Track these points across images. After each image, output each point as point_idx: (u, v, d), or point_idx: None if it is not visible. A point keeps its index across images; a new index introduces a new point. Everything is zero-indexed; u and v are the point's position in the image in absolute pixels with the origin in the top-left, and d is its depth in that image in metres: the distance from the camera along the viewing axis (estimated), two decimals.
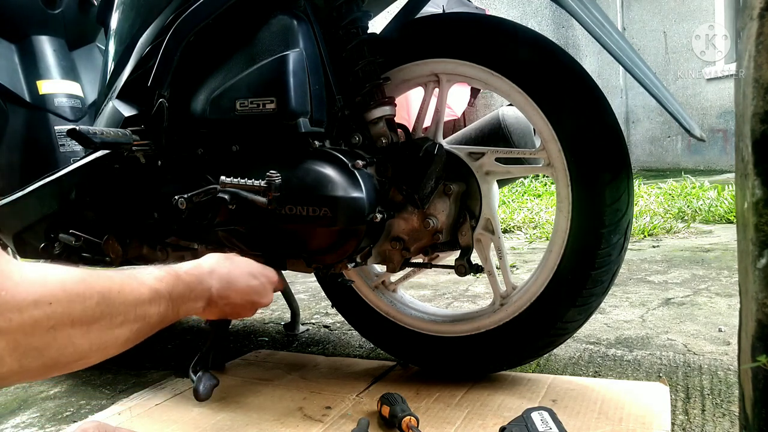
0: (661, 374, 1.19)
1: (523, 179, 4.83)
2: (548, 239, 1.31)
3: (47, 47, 1.55)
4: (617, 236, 1.00)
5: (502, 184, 1.25)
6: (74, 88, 1.57)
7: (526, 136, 1.15)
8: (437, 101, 1.12)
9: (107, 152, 1.20)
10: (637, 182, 4.89)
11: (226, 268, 0.86)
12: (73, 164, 1.28)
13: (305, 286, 2.27)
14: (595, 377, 1.20)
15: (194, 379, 0.94)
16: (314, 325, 1.74)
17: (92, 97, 1.58)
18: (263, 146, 1.09)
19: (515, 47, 1.02)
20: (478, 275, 1.41)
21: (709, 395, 1.07)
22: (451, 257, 1.16)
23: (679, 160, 6.75)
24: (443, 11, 4.14)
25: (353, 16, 1.05)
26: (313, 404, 1.12)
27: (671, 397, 1.06)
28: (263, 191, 0.99)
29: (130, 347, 0.66)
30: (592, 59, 7.17)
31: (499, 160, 1.07)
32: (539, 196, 4.43)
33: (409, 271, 1.28)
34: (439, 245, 1.11)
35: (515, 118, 1.15)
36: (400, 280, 1.29)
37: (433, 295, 2.00)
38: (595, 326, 1.53)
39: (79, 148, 1.49)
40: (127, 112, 1.18)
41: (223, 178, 1.00)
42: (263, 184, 0.98)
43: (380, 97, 1.08)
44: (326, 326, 1.72)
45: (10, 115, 1.48)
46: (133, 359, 1.50)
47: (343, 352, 1.48)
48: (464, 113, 6.26)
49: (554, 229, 1.05)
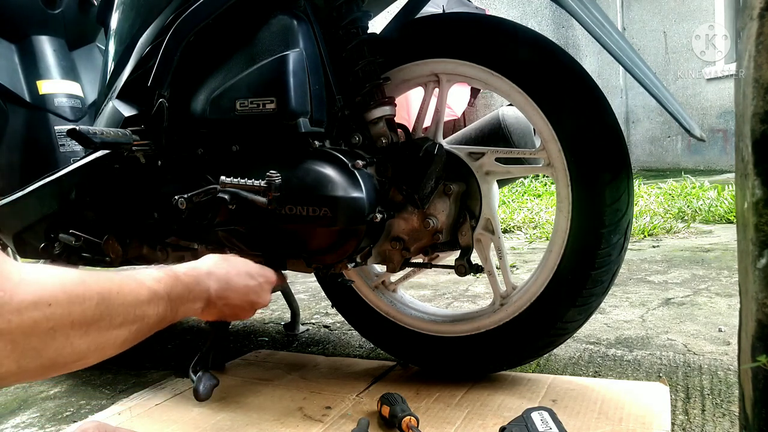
0: (661, 374, 1.19)
1: (523, 179, 4.84)
2: (548, 239, 1.31)
3: (47, 47, 1.55)
4: (617, 236, 1.00)
5: (502, 184, 1.25)
6: (74, 88, 1.57)
7: (526, 136, 1.15)
8: (437, 101, 1.12)
9: (107, 152, 1.20)
10: (637, 182, 4.89)
11: (223, 269, 0.86)
12: (73, 164, 1.28)
13: (305, 286, 2.27)
14: (595, 377, 1.20)
15: (194, 379, 0.95)
16: (314, 325, 1.74)
17: (92, 97, 1.58)
18: (263, 146, 1.09)
19: (515, 47, 1.02)
20: (478, 275, 1.41)
21: (709, 395, 1.07)
22: (451, 257, 1.16)
23: (679, 160, 6.75)
24: (443, 11, 4.14)
25: (353, 16, 1.06)
26: (313, 404, 1.12)
27: (671, 397, 1.06)
28: (263, 191, 0.99)
29: (128, 348, 0.66)
30: (592, 59, 7.17)
31: (499, 160, 1.07)
32: (539, 196, 4.43)
33: (409, 271, 1.28)
34: (439, 245, 1.11)
35: (515, 118, 1.15)
36: (400, 280, 1.29)
37: (433, 295, 2.00)
38: (595, 326, 1.53)
39: (79, 148, 1.49)
40: (127, 112, 1.18)
41: (223, 178, 1.00)
42: (263, 184, 0.98)
43: (380, 97, 1.08)
44: (326, 326, 1.72)
45: (10, 115, 1.48)
46: (133, 359, 1.50)
47: (343, 352, 1.48)
48: (464, 113, 6.26)
49: (554, 229, 1.05)
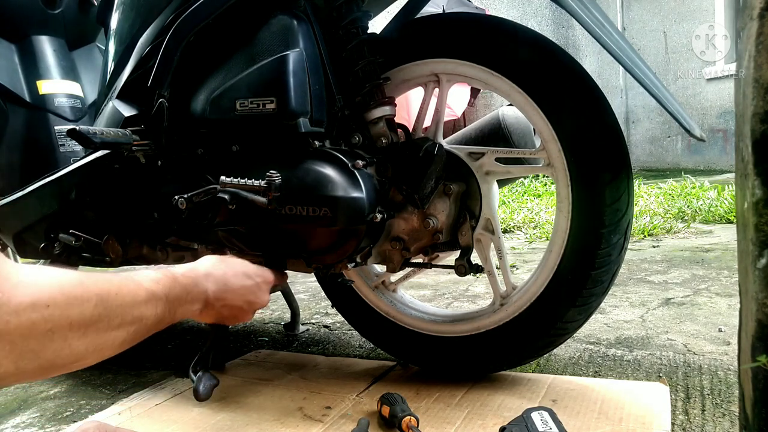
0: (661, 374, 1.19)
1: (523, 179, 4.84)
2: (548, 239, 1.31)
3: (47, 47, 1.55)
4: (617, 236, 1.00)
5: (502, 184, 1.25)
6: (74, 88, 1.57)
7: (526, 136, 1.15)
8: (437, 101, 1.12)
9: (107, 152, 1.20)
10: (637, 182, 4.89)
11: (221, 270, 0.86)
12: (73, 164, 1.28)
13: (305, 286, 2.27)
14: (595, 377, 1.20)
15: (194, 379, 0.95)
16: (314, 325, 1.74)
17: (92, 97, 1.58)
18: (263, 146, 1.09)
19: (515, 47, 1.02)
20: (478, 275, 1.41)
21: (709, 395, 1.07)
22: (451, 257, 1.16)
23: (679, 160, 6.75)
24: (443, 11, 4.14)
25: (353, 16, 1.06)
26: (313, 404, 1.12)
27: (671, 397, 1.06)
28: (263, 191, 0.99)
29: (126, 349, 0.66)
30: (592, 59, 7.17)
31: (499, 160, 1.07)
32: (539, 196, 4.43)
33: (409, 271, 1.28)
34: (439, 245, 1.11)
35: (515, 118, 1.15)
36: (400, 280, 1.29)
37: (433, 295, 2.00)
38: (595, 326, 1.53)
39: (79, 148, 1.49)
40: (127, 112, 1.18)
41: (223, 178, 1.00)
42: (263, 184, 0.98)
43: (380, 97, 1.08)
44: (326, 326, 1.72)
45: (10, 115, 1.48)
46: (133, 359, 1.50)
47: (343, 352, 1.48)
48: (464, 113, 6.26)
49: (554, 229, 1.05)
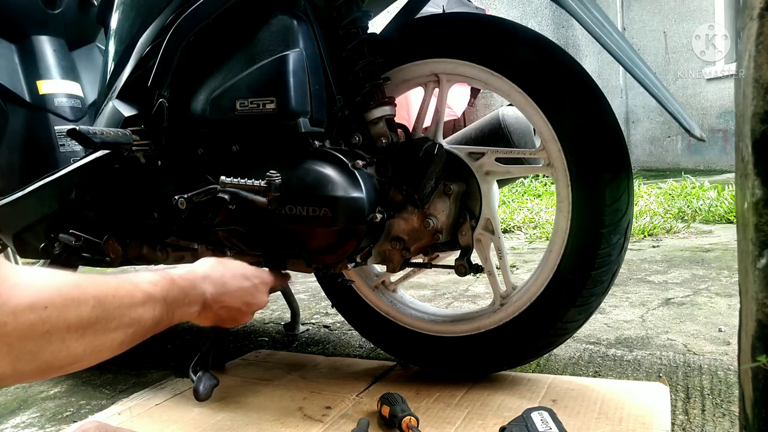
0: (661, 374, 1.19)
1: (523, 179, 4.84)
2: (548, 239, 1.31)
3: (47, 47, 1.55)
4: (617, 236, 1.00)
5: (502, 184, 1.25)
6: (74, 88, 1.57)
7: (526, 136, 1.15)
8: (437, 101, 1.12)
9: (107, 152, 1.20)
10: (637, 182, 4.89)
11: (219, 272, 0.86)
12: (73, 164, 1.28)
13: (305, 286, 2.27)
14: (595, 377, 1.20)
15: (194, 379, 0.95)
16: (314, 325, 1.74)
17: (92, 97, 1.59)
18: (263, 146, 1.09)
19: (515, 47, 1.02)
20: (478, 275, 1.41)
21: (709, 395, 1.07)
22: (451, 257, 1.16)
23: (679, 160, 6.75)
24: (443, 11, 4.14)
25: (353, 16, 1.06)
26: (313, 404, 1.12)
27: (671, 397, 1.06)
28: (263, 191, 0.99)
29: (124, 351, 0.66)
30: (592, 59, 7.17)
31: (499, 160, 1.07)
32: (539, 196, 4.43)
33: (409, 271, 1.28)
34: (439, 245, 1.11)
35: (515, 118, 1.15)
36: (400, 280, 1.29)
37: (433, 295, 2.00)
38: (595, 326, 1.53)
39: (79, 148, 1.49)
40: (127, 112, 1.18)
41: (223, 178, 1.00)
42: (263, 184, 0.98)
43: (380, 97, 1.08)
44: (326, 326, 1.72)
45: (10, 115, 1.48)
46: (133, 359, 1.50)
47: (343, 352, 1.48)
48: (464, 113, 6.26)
49: (554, 229, 1.05)
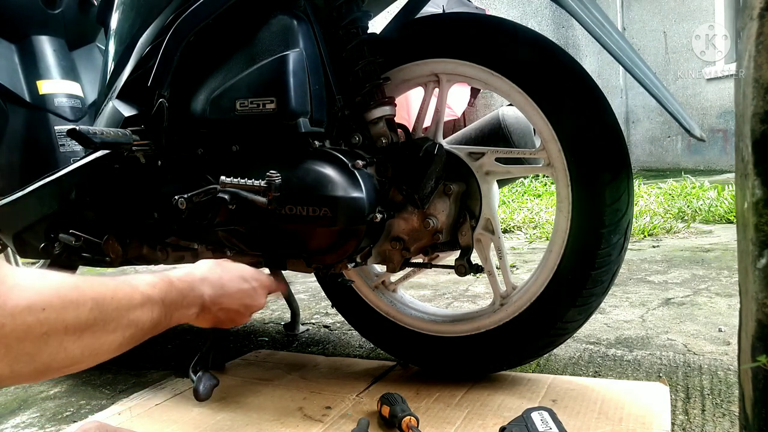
0: (661, 374, 1.19)
1: (523, 179, 4.84)
2: (548, 239, 1.31)
3: (47, 47, 1.55)
4: (617, 236, 1.00)
5: (502, 184, 1.25)
6: (74, 88, 1.57)
7: (526, 136, 1.15)
8: (437, 101, 1.12)
9: (107, 152, 1.20)
10: (637, 182, 4.89)
11: (217, 274, 0.87)
12: (73, 164, 1.28)
13: (305, 286, 2.27)
14: (595, 377, 1.20)
15: (194, 379, 0.95)
16: (314, 325, 1.74)
17: (92, 97, 1.59)
18: (263, 146, 1.09)
19: (515, 47, 1.02)
20: (478, 275, 1.41)
21: (709, 395, 1.07)
22: (451, 257, 1.16)
23: (679, 160, 6.75)
24: (443, 11, 4.14)
25: (353, 16, 1.06)
26: (313, 404, 1.12)
27: (671, 397, 1.06)
28: (263, 191, 0.99)
29: (121, 352, 0.66)
30: (592, 59, 7.17)
31: (499, 160, 1.07)
32: (539, 196, 4.43)
33: (409, 271, 1.28)
34: (439, 245, 1.11)
35: (515, 118, 1.15)
36: (400, 280, 1.29)
37: (433, 295, 2.00)
38: (595, 326, 1.53)
39: (79, 148, 1.49)
40: (127, 112, 1.18)
41: (223, 178, 1.00)
42: (263, 184, 0.98)
43: (380, 97, 1.08)
44: (326, 326, 1.72)
45: (10, 115, 1.48)
46: (133, 359, 1.50)
47: (343, 352, 1.48)
48: (464, 113, 6.26)
49: (554, 229, 1.05)
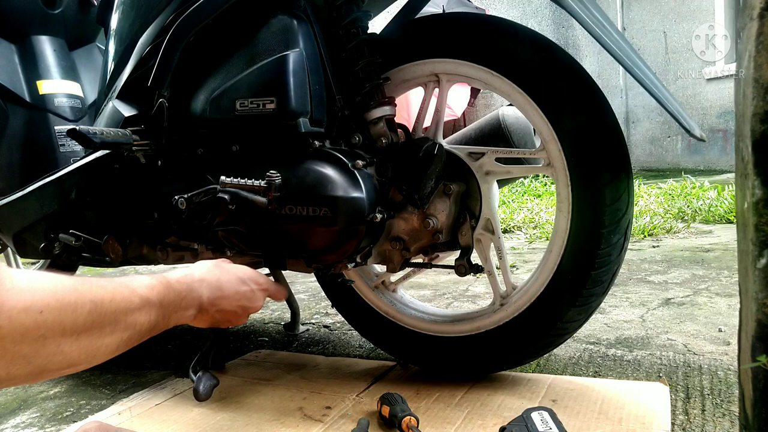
0: (661, 374, 1.19)
1: (523, 179, 4.84)
2: (548, 239, 1.31)
3: (47, 47, 1.55)
4: (617, 236, 1.00)
5: (502, 184, 1.25)
6: (74, 88, 1.57)
7: (526, 136, 1.15)
8: (437, 101, 1.12)
9: (107, 152, 1.20)
10: (637, 182, 4.89)
11: (215, 275, 0.87)
12: (73, 164, 1.28)
13: (305, 286, 2.27)
14: (595, 377, 1.20)
15: (194, 379, 0.95)
16: (314, 325, 1.74)
17: (92, 97, 1.59)
18: (263, 146, 1.09)
19: (515, 47, 1.02)
20: (478, 275, 1.41)
21: (709, 395, 1.07)
22: (451, 257, 1.16)
23: (679, 160, 6.75)
24: (443, 11, 4.14)
25: (353, 16, 1.06)
26: (313, 404, 1.12)
27: (671, 397, 1.06)
28: (263, 191, 0.99)
29: (119, 354, 0.66)
30: (592, 59, 7.17)
31: (499, 160, 1.07)
32: (539, 196, 4.43)
33: (409, 271, 1.28)
34: (439, 245, 1.11)
35: (515, 118, 1.15)
36: (400, 280, 1.29)
37: (433, 295, 2.00)
38: (595, 326, 1.53)
39: (79, 148, 1.49)
40: (127, 112, 1.18)
41: (223, 178, 1.00)
42: (263, 184, 0.98)
43: (380, 97, 1.08)
44: (326, 326, 1.72)
45: (10, 115, 1.49)
46: (133, 359, 1.50)
47: (343, 352, 1.48)
48: (464, 113, 6.26)
49: (554, 229, 1.05)
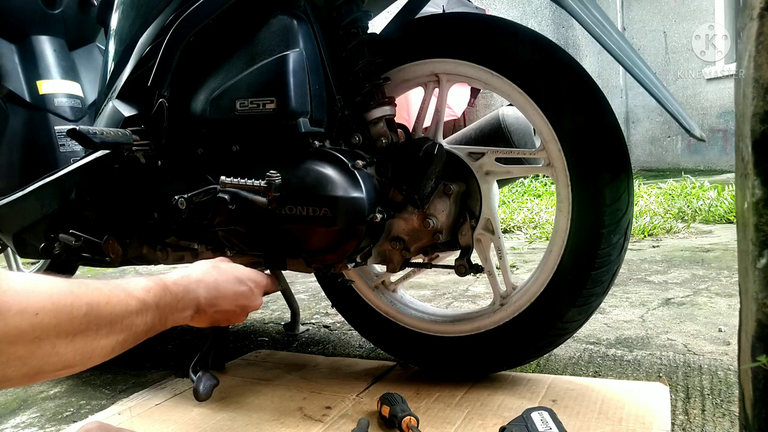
0: (661, 374, 1.19)
1: (523, 179, 4.84)
2: (548, 239, 1.31)
3: (47, 47, 1.55)
4: (617, 236, 1.00)
5: (502, 184, 1.25)
6: (74, 88, 1.57)
7: (526, 136, 1.15)
8: (437, 101, 1.12)
9: (107, 152, 1.20)
10: (637, 182, 4.89)
11: (213, 276, 0.87)
12: (73, 164, 1.28)
13: (305, 286, 2.27)
14: (595, 377, 1.20)
15: (194, 379, 0.95)
16: (314, 325, 1.74)
17: (92, 97, 1.59)
18: (263, 146, 1.09)
19: (515, 47, 1.02)
20: (478, 275, 1.41)
21: (709, 395, 1.07)
22: (451, 257, 1.16)
23: (679, 160, 6.75)
24: (443, 11, 4.14)
25: (353, 16, 1.06)
26: (313, 404, 1.12)
27: (671, 397, 1.06)
28: (263, 191, 0.99)
29: (115, 356, 0.66)
30: (592, 59, 7.17)
31: (499, 160, 1.07)
32: (539, 196, 4.43)
33: (409, 271, 1.28)
34: (439, 245, 1.11)
35: (515, 118, 1.15)
36: (400, 280, 1.29)
37: (433, 295, 2.00)
38: (595, 326, 1.53)
39: (79, 148, 1.49)
40: (127, 112, 1.18)
41: (223, 178, 1.00)
42: (263, 184, 0.98)
43: (380, 97, 1.08)
44: (326, 326, 1.72)
45: (10, 115, 1.49)
46: (133, 359, 1.50)
47: (343, 352, 1.48)
48: (464, 113, 6.27)
49: (554, 229, 1.05)
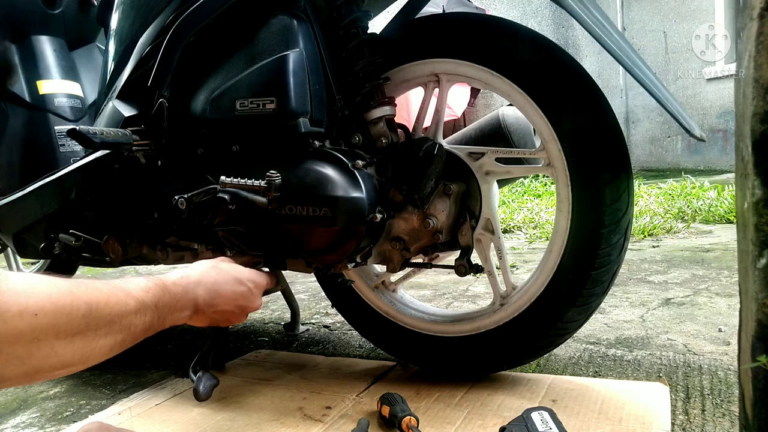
0: (661, 374, 1.19)
1: (523, 179, 4.84)
2: (548, 239, 1.31)
3: (47, 47, 1.55)
4: (617, 236, 1.00)
5: (502, 184, 1.25)
6: (74, 88, 1.57)
7: (526, 136, 1.15)
8: (437, 101, 1.12)
9: (107, 152, 1.20)
10: (637, 182, 4.89)
11: (212, 277, 0.87)
12: (73, 164, 1.28)
13: (305, 286, 2.27)
14: (595, 377, 1.20)
15: (194, 379, 0.95)
16: (314, 325, 1.74)
17: (92, 97, 1.59)
18: (263, 146, 1.09)
19: (515, 47, 1.02)
20: (478, 275, 1.41)
21: (709, 395, 1.07)
22: (451, 257, 1.16)
23: (679, 160, 6.75)
24: (443, 11, 4.14)
25: (353, 16, 1.06)
26: (313, 404, 1.12)
27: (671, 397, 1.06)
28: (263, 191, 0.99)
29: (113, 356, 0.66)
30: (592, 59, 7.17)
31: (499, 160, 1.07)
32: (539, 196, 4.43)
33: (409, 271, 1.28)
34: (439, 245, 1.11)
35: (515, 118, 1.15)
36: (400, 280, 1.29)
37: (433, 295, 2.00)
38: (595, 326, 1.53)
39: (79, 148, 1.49)
40: (127, 112, 1.18)
41: (223, 178, 1.00)
42: (263, 184, 0.98)
43: (380, 97, 1.08)
44: (326, 326, 1.72)
45: (10, 115, 1.49)
46: (133, 359, 1.50)
47: (343, 352, 1.48)
48: (464, 113, 6.26)
49: (554, 229, 1.05)
